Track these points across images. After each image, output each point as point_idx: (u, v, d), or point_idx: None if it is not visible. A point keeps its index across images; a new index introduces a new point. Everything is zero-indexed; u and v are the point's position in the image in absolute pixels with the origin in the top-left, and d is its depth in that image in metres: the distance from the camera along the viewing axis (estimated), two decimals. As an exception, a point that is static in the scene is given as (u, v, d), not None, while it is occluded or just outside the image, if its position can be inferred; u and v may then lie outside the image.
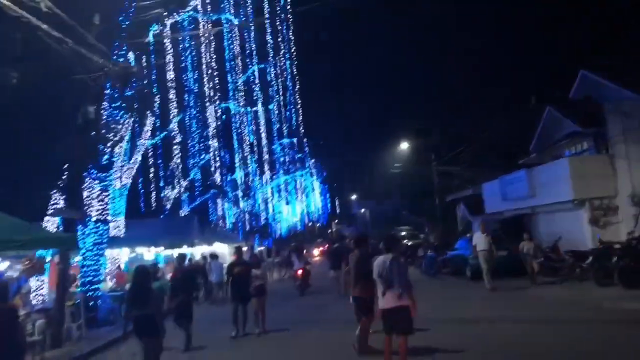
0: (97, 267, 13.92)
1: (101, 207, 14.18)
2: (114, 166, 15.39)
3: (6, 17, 9.91)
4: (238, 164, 33.22)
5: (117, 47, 14.41)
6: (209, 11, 22.74)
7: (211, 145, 28.62)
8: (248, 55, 31.15)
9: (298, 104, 39.45)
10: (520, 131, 24.46)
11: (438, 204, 32.90)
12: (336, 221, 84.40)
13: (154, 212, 25.64)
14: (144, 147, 20.30)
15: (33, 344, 10.31)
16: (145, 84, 18.61)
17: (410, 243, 29.96)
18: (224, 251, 22.43)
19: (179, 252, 14.15)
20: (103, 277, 14.64)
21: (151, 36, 17.37)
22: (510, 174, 22.11)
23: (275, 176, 42.76)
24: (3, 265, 12.87)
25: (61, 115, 14.76)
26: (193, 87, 25.82)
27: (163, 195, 26.44)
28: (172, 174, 26.48)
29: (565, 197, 17.71)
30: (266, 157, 37.75)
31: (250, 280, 11.00)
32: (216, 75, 26.77)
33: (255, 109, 34.69)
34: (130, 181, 18.63)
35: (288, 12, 26.14)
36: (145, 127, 19.70)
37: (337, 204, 79.62)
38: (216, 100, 27.72)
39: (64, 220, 14.02)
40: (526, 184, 20.22)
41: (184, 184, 27.31)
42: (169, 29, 19.05)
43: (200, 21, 22.53)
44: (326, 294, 16.52)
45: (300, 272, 19.09)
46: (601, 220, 16.95)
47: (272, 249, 36.26)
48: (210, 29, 23.49)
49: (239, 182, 34.27)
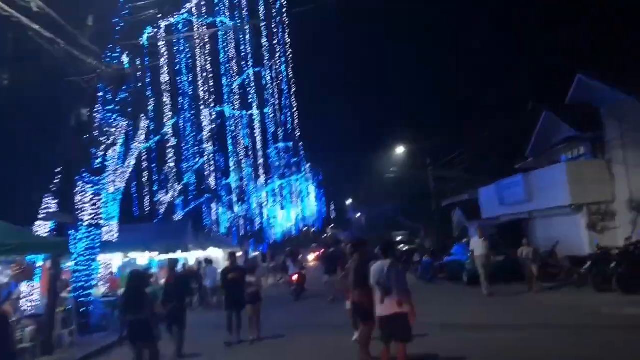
0: (90, 272, 13.76)
1: (94, 211, 14.04)
2: (107, 170, 15.22)
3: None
4: (233, 168, 33.08)
5: (110, 49, 14.26)
6: (204, 14, 22.61)
7: (206, 149, 28.46)
8: (243, 58, 31.04)
9: (294, 107, 39.32)
10: (517, 135, 24.39)
11: (434, 208, 32.79)
12: (331, 226, 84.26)
13: (147, 216, 25.48)
14: (137, 151, 20.10)
15: (23, 350, 10.15)
16: (139, 86, 18.45)
17: (406, 248, 29.79)
18: (218, 256, 22.26)
19: (169, 258, 13.99)
20: (95, 283, 14.45)
21: (145, 38, 17.22)
22: (507, 179, 22.04)
23: (270, 180, 42.60)
24: (-7, 271, 12.64)
25: (55, 118, 14.59)
26: (188, 90, 25.70)
27: (157, 199, 26.26)
28: (166, 178, 26.31)
29: (562, 202, 17.65)
30: (261, 161, 37.56)
31: (244, 286, 10.82)
32: (211, 79, 26.64)
33: (250, 112, 34.54)
34: (123, 185, 18.42)
35: (284, 14, 26.06)
36: (139, 131, 19.51)
37: (332, 208, 79.44)
38: (211, 104, 27.58)
39: (55, 224, 13.82)
40: (523, 188, 20.16)
41: (178, 188, 27.13)
42: (163, 32, 18.89)
43: (195, 24, 22.40)
44: (321, 298, 16.44)
45: (295, 277, 19.08)
46: (599, 225, 16.91)
47: (267, 254, 36.02)
48: (205, 31, 23.36)
49: (233, 187, 34.12)
